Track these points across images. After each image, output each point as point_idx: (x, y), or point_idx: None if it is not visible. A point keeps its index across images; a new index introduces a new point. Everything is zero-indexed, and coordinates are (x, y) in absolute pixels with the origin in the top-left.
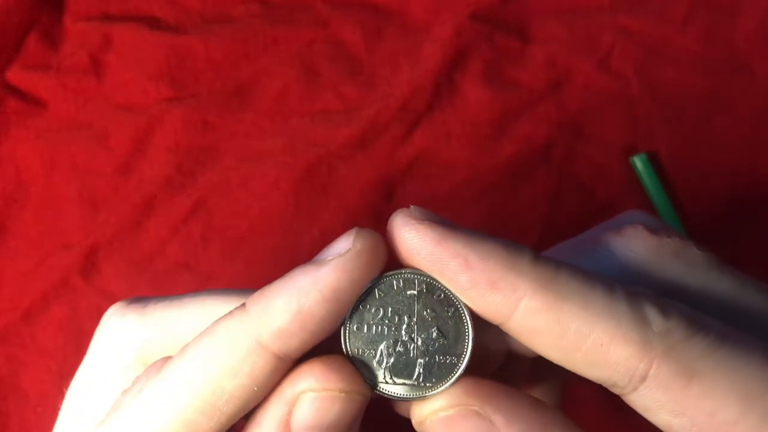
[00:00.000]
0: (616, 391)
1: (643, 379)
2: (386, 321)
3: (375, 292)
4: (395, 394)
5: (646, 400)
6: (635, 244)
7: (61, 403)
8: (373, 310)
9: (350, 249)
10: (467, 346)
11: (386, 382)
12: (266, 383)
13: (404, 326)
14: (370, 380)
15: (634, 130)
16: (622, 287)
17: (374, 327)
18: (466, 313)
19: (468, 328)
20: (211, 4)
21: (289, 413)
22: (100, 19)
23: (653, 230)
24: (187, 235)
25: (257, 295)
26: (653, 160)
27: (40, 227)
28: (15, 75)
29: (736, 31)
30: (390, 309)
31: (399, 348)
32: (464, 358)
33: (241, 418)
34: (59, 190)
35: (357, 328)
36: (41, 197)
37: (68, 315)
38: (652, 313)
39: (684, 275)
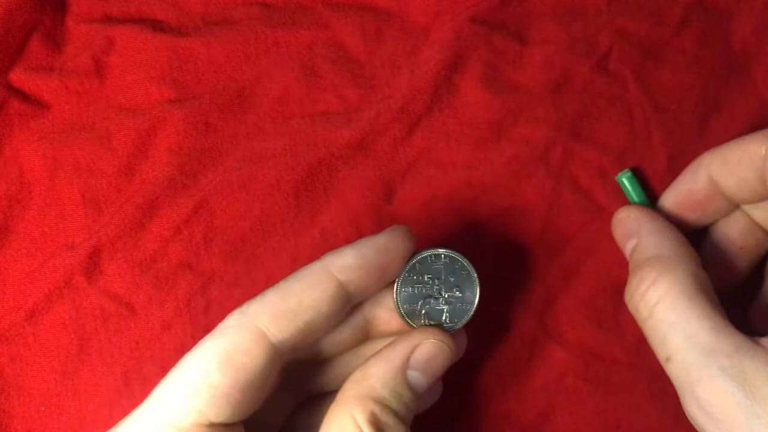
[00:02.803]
0: None
1: None
2: (423, 284)
3: (415, 266)
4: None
5: None
6: None
7: (64, 403)
8: (414, 277)
9: (392, 228)
10: (476, 297)
11: (423, 324)
12: (333, 304)
13: (435, 287)
14: (414, 323)
15: (632, 132)
16: None
17: (415, 288)
18: (472, 271)
19: (476, 287)
20: (213, 7)
21: (411, 353)
22: (103, 21)
23: None
24: (189, 236)
25: (334, 250)
26: (637, 174)
27: (43, 228)
28: (18, 77)
29: (733, 34)
30: (425, 276)
31: (432, 301)
32: (474, 305)
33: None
34: (62, 191)
35: (404, 289)
36: (44, 198)
37: (71, 315)
38: None
39: None
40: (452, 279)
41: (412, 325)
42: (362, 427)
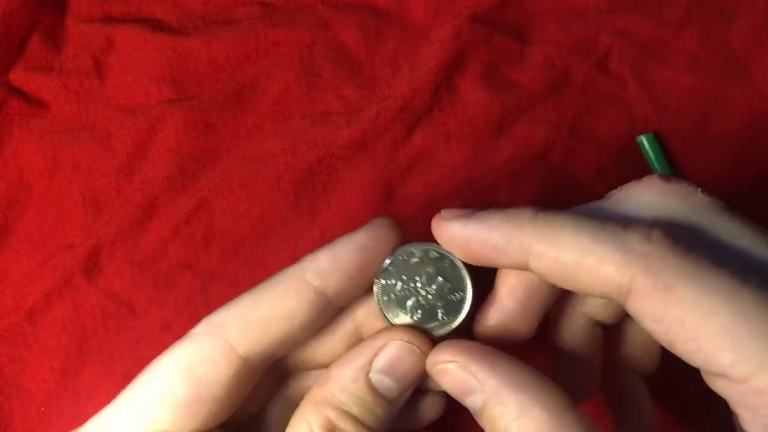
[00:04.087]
0: (620, 301)
1: (629, 292)
2: (404, 286)
3: (389, 269)
4: (430, 334)
5: (634, 310)
6: (647, 189)
7: (64, 403)
8: (392, 281)
9: (372, 224)
10: (467, 280)
11: (420, 329)
12: (310, 312)
13: (419, 285)
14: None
15: (632, 132)
16: (613, 223)
17: (398, 293)
18: (457, 259)
19: (462, 269)
20: (213, 7)
21: (374, 357)
22: (102, 21)
23: (665, 178)
24: (188, 236)
25: (310, 253)
26: (659, 139)
27: (43, 228)
28: (18, 77)
29: (733, 33)
30: (404, 276)
31: (421, 301)
32: (468, 290)
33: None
34: (62, 191)
35: (386, 299)
36: (44, 198)
37: (71, 315)
38: (635, 240)
39: (687, 214)
40: (435, 270)
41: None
42: None
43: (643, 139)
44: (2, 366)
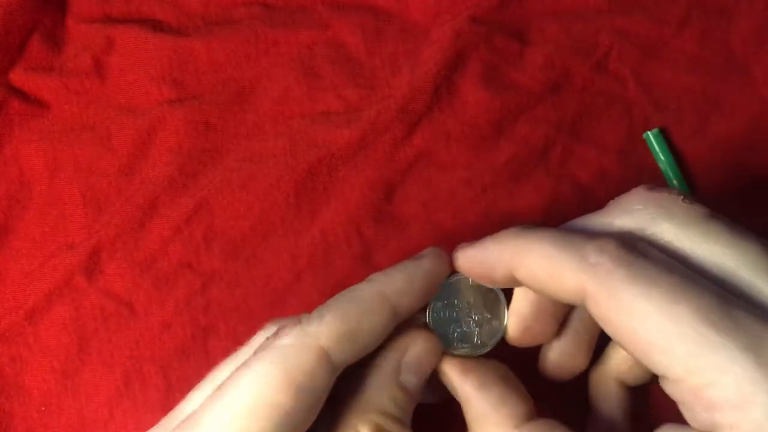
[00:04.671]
0: (582, 304)
1: (584, 297)
2: (452, 309)
3: (443, 293)
4: (463, 353)
5: (591, 311)
6: (634, 198)
7: (64, 403)
8: (443, 304)
9: (432, 252)
10: (505, 313)
11: (456, 347)
12: (388, 328)
13: (463, 311)
14: (447, 347)
15: (632, 132)
16: (580, 236)
17: (445, 314)
18: (500, 293)
19: (503, 302)
20: (213, 7)
21: (401, 358)
22: (103, 21)
23: (651, 187)
24: (189, 236)
25: (380, 272)
26: (665, 135)
27: (44, 228)
28: (18, 77)
29: (733, 33)
30: (454, 302)
31: (462, 325)
32: (504, 322)
33: None
34: (62, 191)
35: (434, 317)
36: (44, 198)
37: (71, 315)
38: (590, 250)
39: (663, 221)
40: (480, 300)
41: (446, 351)
42: None
43: (650, 135)
44: (2, 366)
